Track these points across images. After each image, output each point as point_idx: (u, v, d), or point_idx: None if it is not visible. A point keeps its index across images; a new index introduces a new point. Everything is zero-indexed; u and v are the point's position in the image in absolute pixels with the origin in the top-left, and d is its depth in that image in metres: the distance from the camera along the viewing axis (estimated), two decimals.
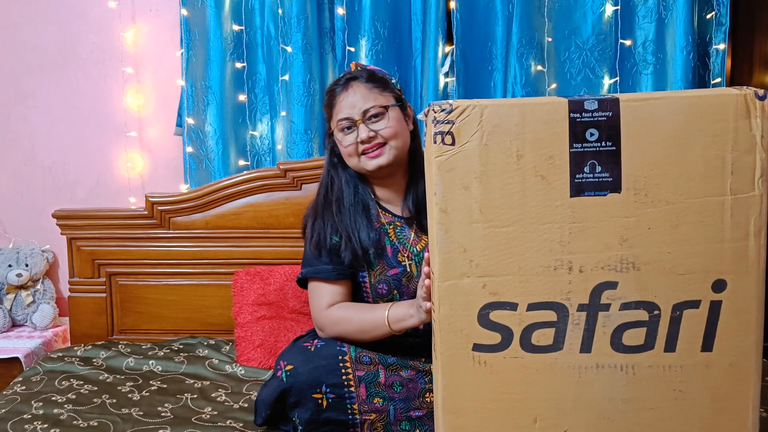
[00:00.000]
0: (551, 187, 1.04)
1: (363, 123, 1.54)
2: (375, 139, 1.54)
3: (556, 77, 2.11)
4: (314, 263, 1.59)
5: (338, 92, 1.58)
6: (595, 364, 1.07)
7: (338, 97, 1.57)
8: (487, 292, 1.06)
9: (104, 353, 2.01)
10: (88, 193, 2.44)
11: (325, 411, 1.46)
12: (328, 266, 1.57)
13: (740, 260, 1.05)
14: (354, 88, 1.56)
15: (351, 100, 1.55)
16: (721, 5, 2.02)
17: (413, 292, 1.56)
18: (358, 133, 1.54)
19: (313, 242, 1.60)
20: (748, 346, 1.07)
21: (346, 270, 1.58)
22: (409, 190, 1.62)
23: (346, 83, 1.58)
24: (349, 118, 1.55)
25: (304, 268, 1.62)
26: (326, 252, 1.58)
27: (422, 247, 1.60)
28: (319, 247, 1.59)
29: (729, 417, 1.08)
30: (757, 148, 1.03)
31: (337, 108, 1.57)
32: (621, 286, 1.06)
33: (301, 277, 1.63)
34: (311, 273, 1.59)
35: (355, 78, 1.58)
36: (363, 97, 1.55)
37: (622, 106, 1.04)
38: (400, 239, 1.61)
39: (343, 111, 1.56)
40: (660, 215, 1.05)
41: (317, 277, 1.58)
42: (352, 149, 1.56)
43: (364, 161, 1.56)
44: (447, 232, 1.05)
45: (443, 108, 1.04)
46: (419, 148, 1.63)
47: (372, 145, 1.54)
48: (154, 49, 2.36)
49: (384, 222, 1.61)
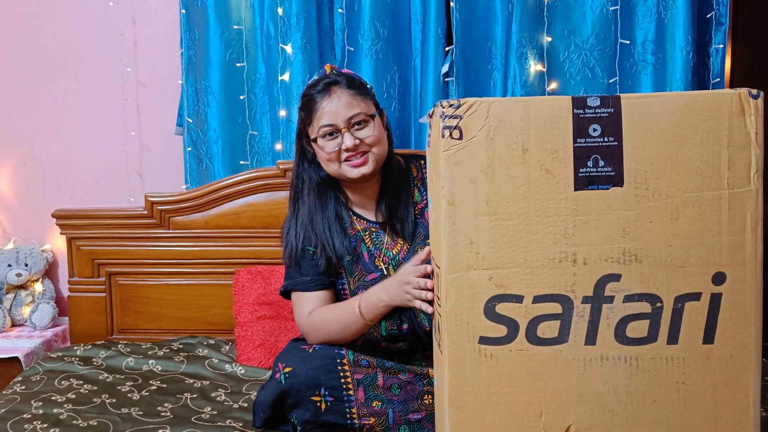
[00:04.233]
0: (555, 180, 1.06)
1: (348, 131, 1.52)
2: (359, 147, 1.53)
3: (556, 77, 2.12)
4: (293, 275, 1.61)
5: (318, 97, 1.54)
6: (600, 356, 1.09)
7: (319, 102, 1.54)
8: (493, 285, 1.07)
9: (104, 353, 2.01)
10: (87, 193, 2.44)
11: (324, 414, 1.46)
12: (307, 278, 1.59)
13: (738, 253, 1.07)
14: (337, 94, 1.53)
15: (335, 106, 1.53)
16: (720, 5, 2.04)
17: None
18: (342, 140, 1.52)
19: (290, 255, 1.61)
20: (748, 337, 1.09)
21: (324, 279, 1.59)
22: (382, 194, 1.62)
23: (326, 88, 1.54)
24: (333, 125, 1.53)
25: (286, 280, 1.64)
26: (305, 263, 1.59)
27: (398, 251, 1.61)
28: (296, 258, 1.60)
29: (730, 408, 1.10)
30: (752, 144, 1.06)
31: (318, 114, 1.54)
32: (624, 279, 1.07)
33: (283, 290, 1.64)
34: (291, 285, 1.61)
35: (336, 83, 1.54)
36: (347, 104, 1.53)
37: (623, 103, 1.07)
38: (376, 245, 1.61)
39: (326, 117, 1.53)
40: (660, 209, 1.07)
41: (297, 289, 1.60)
42: (333, 155, 1.54)
43: (345, 168, 1.55)
44: (454, 225, 1.07)
45: (451, 104, 1.06)
46: (392, 154, 1.63)
47: (356, 153, 1.53)
48: (154, 49, 2.36)
49: (359, 229, 1.62)
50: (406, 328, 1.57)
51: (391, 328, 1.58)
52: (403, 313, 1.58)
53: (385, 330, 1.58)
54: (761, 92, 1.06)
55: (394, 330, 1.58)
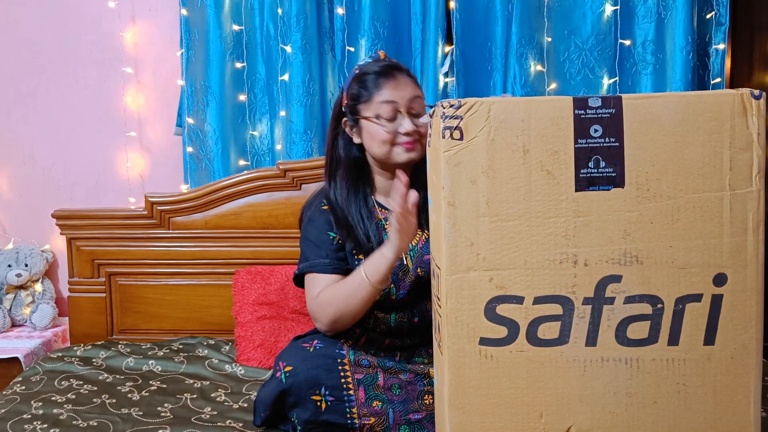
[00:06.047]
0: (556, 181, 1.06)
1: (408, 115, 1.54)
2: (414, 134, 1.54)
3: (556, 77, 2.12)
4: (310, 258, 1.58)
5: (381, 77, 1.55)
6: (600, 357, 1.08)
7: (383, 80, 1.55)
8: (493, 286, 1.07)
9: (104, 353, 2.01)
10: (87, 193, 2.44)
11: (324, 413, 1.46)
12: (326, 260, 1.57)
13: (739, 254, 1.07)
14: (399, 79, 1.56)
15: (400, 87, 1.55)
16: (720, 5, 2.04)
17: (409, 284, 1.57)
18: (400, 122, 1.54)
19: (312, 238, 1.59)
20: (749, 339, 1.08)
21: (342, 265, 1.57)
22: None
23: (389, 70, 1.56)
24: (395, 103, 1.53)
25: (301, 263, 1.61)
26: (324, 246, 1.58)
27: (416, 241, 1.60)
28: (318, 243, 1.58)
29: (730, 410, 1.09)
30: (754, 145, 1.06)
31: (380, 90, 1.54)
32: (625, 280, 1.07)
33: (298, 272, 1.61)
34: (307, 267, 1.58)
35: (398, 68, 1.58)
36: (412, 89, 1.56)
37: (624, 103, 1.07)
38: None
39: (391, 94, 1.54)
40: (661, 210, 1.07)
41: (313, 270, 1.57)
42: (389, 137, 1.54)
43: (397, 151, 1.55)
44: (454, 226, 1.06)
45: (452, 104, 1.06)
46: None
47: (411, 139, 1.54)
48: (154, 49, 2.36)
49: (380, 217, 1.62)
50: (416, 321, 1.58)
51: (401, 321, 1.58)
52: (415, 307, 1.58)
53: (394, 322, 1.58)
54: (763, 93, 1.06)
55: (404, 322, 1.58)
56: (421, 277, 1.57)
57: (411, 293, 1.57)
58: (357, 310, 1.49)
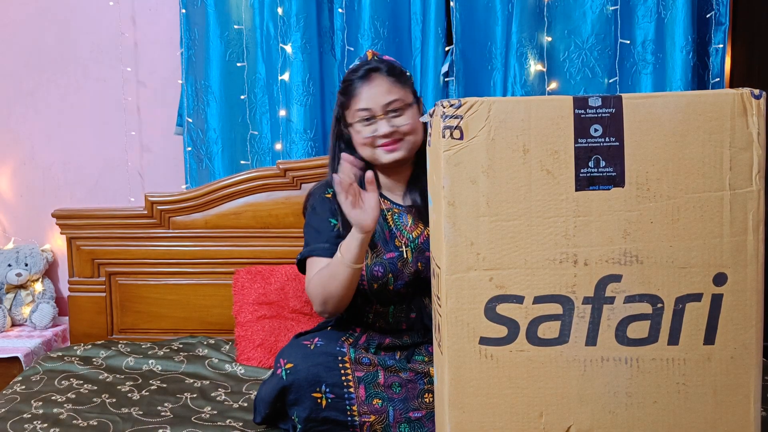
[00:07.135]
0: (556, 181, 1.06)
1: (384, 117, 1.56)
2: (394, 135, 1.56)
3: (556, 77, 2.13)
4: (311, 243, 1.62)
5: (358, 83, 1.58)
6: (600, 357, 1.08)
7: (359, 87, 1.57)
8: (493, 285, 1.07)
9: (104, 353, 2.01)
10: (87, 193, 2.44)
11: (324, 410, 1.47)
12: (326, 245, 1.59)
13: (739, 254, 1.07)
14: (376, 81, 1.57)
15: (373, 92, 1.56)
16: (720, 5, 2.04)
17: (407, 276, 1.58)
18: (377, 126, 1.56)
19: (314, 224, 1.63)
20: (749, 339, 1.08)
21: None
22: (413, 181, 1.65)
23: (367, 74, 1.58)
24: (370, 110, 1.56)
25: (304, 249, 1.64)
26: (325, 232, 1.61)
27: (418, 234, 1.62)
28: (320, 229, 1.62)
29: (731, 409, 1.09)
30: (754, 145, 1.06)
31: (356, 98, 1.57)
32: (625, 279, 1.07)
33: (300, 257, 1.64)
34: (307, 252, 1.62)
35: (376, 69, 1.58)
36: (386, 90, 1.56)
37: (625, 103, 1.06)
38: (397, 225, 1.63)
39: (364, 101, 1.56)
40: (661, 209, 1.07)
41: (312, 255, 1.60)
42: (368, 141, 1.57)
43: (379, 153, 1.58)
44: (454, 226, 1.06)
45: (452, 104, 1.06)
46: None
47: (391, 140, 1.56)
48: (154, 49, 2.36)
49: (383, 208, 1.64)
50: (414, 316, 1.59)
51: (398, 315, 1.60)
52: (412, 302, 1.59)
53: (392, 317, 1.60)
54: (763, 92, 1.06)
55: (402, 317, 1.59)
56: (420, 271, 1.58)
57: (409, 286, 1.59)
58: (341, 291, 1.51)
